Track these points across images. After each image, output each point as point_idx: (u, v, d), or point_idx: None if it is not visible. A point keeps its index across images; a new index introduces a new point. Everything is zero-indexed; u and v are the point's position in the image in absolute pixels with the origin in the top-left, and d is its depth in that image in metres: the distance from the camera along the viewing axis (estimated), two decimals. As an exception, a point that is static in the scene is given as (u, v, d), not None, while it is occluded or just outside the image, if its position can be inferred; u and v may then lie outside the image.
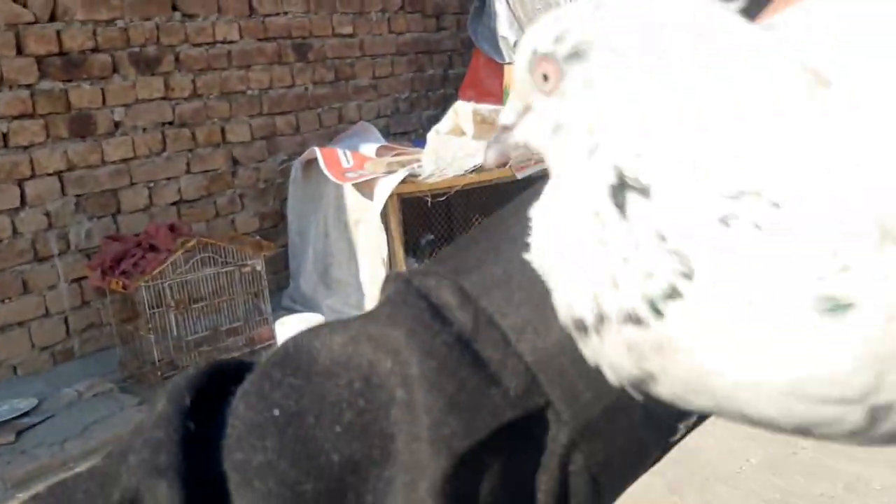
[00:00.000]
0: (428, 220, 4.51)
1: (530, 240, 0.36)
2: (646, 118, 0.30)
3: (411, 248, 4.33)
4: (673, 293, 0.29)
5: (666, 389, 0.32)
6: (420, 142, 4.66)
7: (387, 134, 5.13)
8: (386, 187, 4.11)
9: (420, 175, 4.19)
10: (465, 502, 0.35)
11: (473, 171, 4.11)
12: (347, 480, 0.34)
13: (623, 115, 0.31)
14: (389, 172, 4.16)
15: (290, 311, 4.27)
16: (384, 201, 4.11)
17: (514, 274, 0.37)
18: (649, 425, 0.38)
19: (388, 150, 4.46)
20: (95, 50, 3.99)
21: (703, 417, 0.39)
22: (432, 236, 4.55)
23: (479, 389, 0.35)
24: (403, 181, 4.15)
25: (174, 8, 4.31)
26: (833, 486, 2.69)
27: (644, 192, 0.30)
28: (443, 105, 5.09)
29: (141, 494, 0.34)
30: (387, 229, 4.14)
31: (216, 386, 0.38)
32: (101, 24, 4.00)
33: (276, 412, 0.35)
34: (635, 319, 0.30)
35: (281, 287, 4.64)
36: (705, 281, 0.29)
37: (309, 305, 4.40)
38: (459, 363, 0.35)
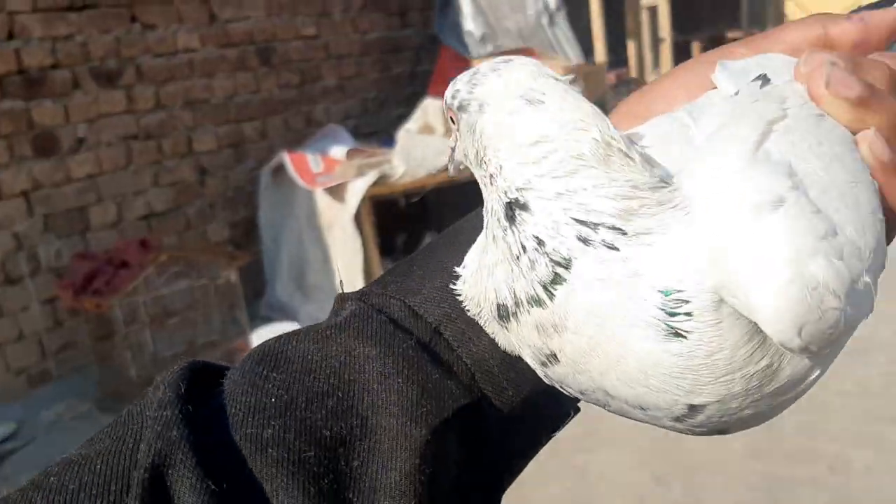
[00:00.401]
0: (403, 221, 4.49)
1: (459, 269, 0.47)
2: (514, 155, 0.42)
3: (387, 250, 4.32)
4: (557, 279, 0.40)
5: (564, 369, 0.42)
6: (390, 141, 4.63)
7: (356, 135, 5.09)
8: (357, 190, 4.09)
9: (392, 176, 4.17)
10: (438, 462, 0.44)
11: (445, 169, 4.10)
12: (338, 450, 0.43)
13: (499, 152, 0.42)
14: (360, 175, 4.14)
15: (268, 320, 4.24)
16: (357, 204, 4.09)
17: (447, 296, 0.47)
18: (543, 421, 0.50)
19: (358, 153, 4.44)
20: (55, 66, 3.93)
21: (574, 414, 0.52)
22: (408, 237, 4.54)
23: (441, 380, 0.45)
24: (375, 183, 4.13)
25: (133, 20, 4.25)
26: (817, 469, 2.71)
27: (525, 208, 0.41)
28: (412, 103, 5.06)
29: (160, 460, 0.40)
30: (361, 232, 4.12)
31: (198, 381, 0.45)
32: (60, 39, 3.94)
33: (273, 399, 0.43)
34: (537, 301, 0.40)
35: (257, 295, 4.60)
36: (577, 276, 0.39)
37: (286, 312, 4.37)
38: (424, 361, 0.45)
